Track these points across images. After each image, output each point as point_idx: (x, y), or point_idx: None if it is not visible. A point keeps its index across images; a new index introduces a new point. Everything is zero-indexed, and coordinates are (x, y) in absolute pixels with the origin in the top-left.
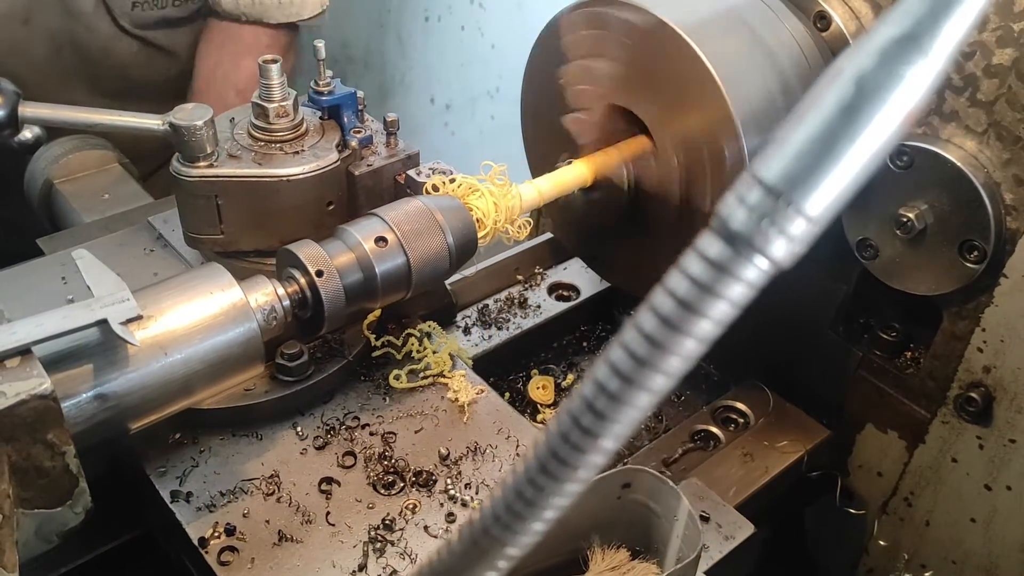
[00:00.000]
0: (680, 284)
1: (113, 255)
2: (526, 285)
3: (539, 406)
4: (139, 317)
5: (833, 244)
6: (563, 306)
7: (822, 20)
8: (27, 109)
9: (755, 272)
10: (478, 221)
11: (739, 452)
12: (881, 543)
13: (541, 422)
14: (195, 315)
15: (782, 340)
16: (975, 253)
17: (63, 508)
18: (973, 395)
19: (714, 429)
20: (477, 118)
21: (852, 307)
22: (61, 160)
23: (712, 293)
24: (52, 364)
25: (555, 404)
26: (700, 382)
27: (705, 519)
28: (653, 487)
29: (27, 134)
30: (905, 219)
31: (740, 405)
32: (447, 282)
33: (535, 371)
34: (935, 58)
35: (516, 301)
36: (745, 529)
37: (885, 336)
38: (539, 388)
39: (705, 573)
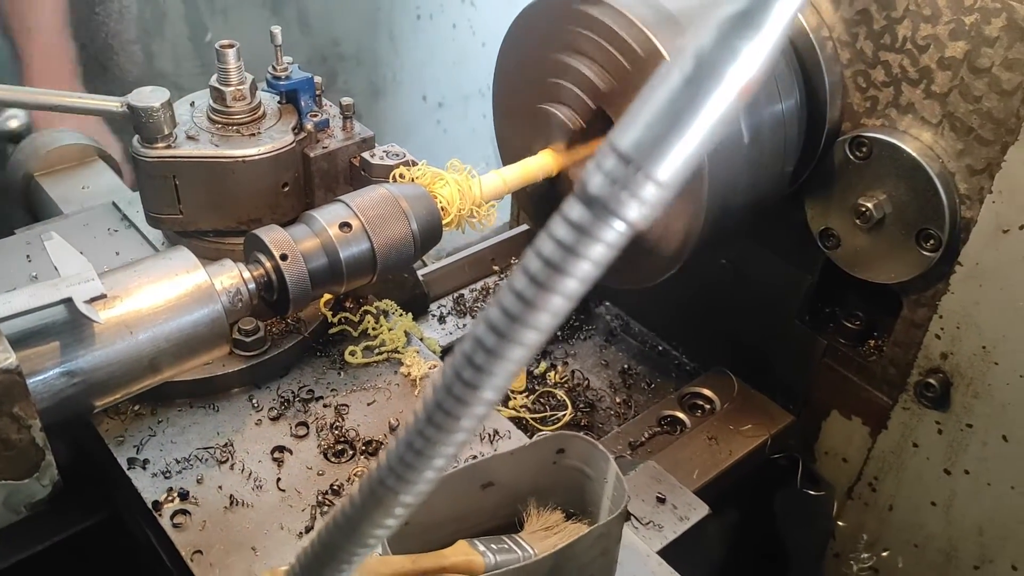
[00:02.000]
0: (547, 246)
1: (77, 234)
2: (502, 275)
3: (510, 392)
4: (103, 296)
5: (798, 234)
6: None
7: None
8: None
9: (613, 234)
10: (443, 209)
11: (704, 436)
12: (841, 524)
13: (512, 408)
14: (161, 296)
15: (750, 329)
16: (931, 242)
17: (30, 480)
18: (931, 381)
19: (680, 415)
20: (469, 116)
21: (817, 297)
22: (41, 153)
23: (575, 254)
24: (19, 341)
25: (527, 391)
26: (671, 371)
27: (661, 501)
28: (585, 452)
29: (12, 123)
30: (864, 208)
31: (707, 392)
32: (421, 273)
33: None
34: (768, 33)
35: (491, 291)
36: (700, 510)
37: (849, 325)
38: None
39: (659, 553)
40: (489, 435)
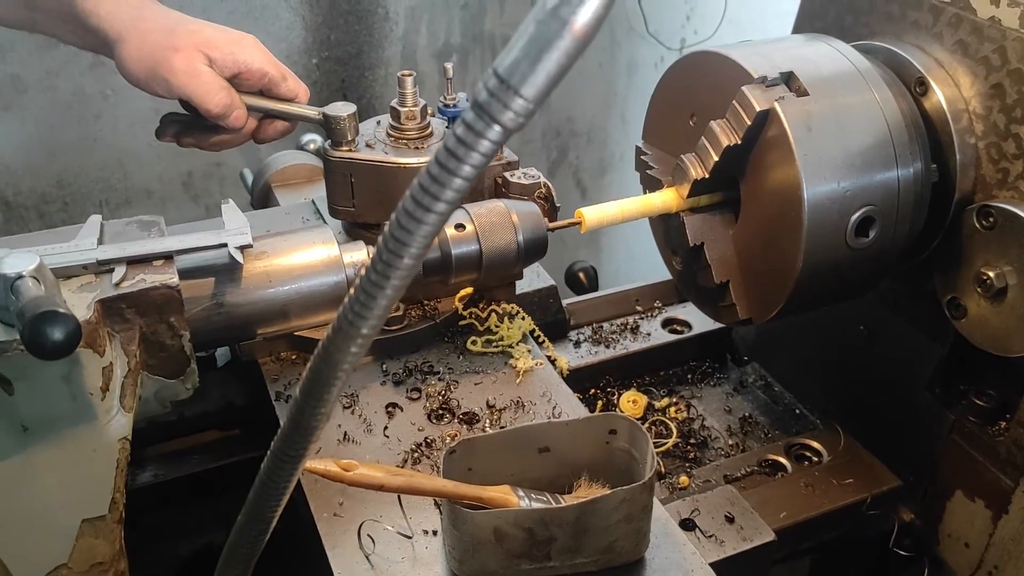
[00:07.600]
0: (450, 140)
1: (278, 219)
2: (643, 315)
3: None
4: (250, 245)
5: (930, 304)
6: (672, 337)
7: (921, 86)
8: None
9: (495, 133)
10: None
11: (801, 482)
12: None
13: None
14: (299, 259)
15: (880, 395)
16: None
17: (176, 381)
18: None
19: (783, 460)
20: None
21: (951, 371)
22: (280, 168)
23: (468, 146)
24: (187, 272)
25: (643, 419)
26: (792, 425)
27: (729, 520)
28: (632, 433)
29: (311, 145)
30: (985, 277)
31: (815, 444)
32: (566, 302)
33: (634, 389)
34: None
35: (629, 327)
36: (764, 535)
37: (980, 403)
38: (630, 402)
39: (711, 564)
40: (556, 415)
